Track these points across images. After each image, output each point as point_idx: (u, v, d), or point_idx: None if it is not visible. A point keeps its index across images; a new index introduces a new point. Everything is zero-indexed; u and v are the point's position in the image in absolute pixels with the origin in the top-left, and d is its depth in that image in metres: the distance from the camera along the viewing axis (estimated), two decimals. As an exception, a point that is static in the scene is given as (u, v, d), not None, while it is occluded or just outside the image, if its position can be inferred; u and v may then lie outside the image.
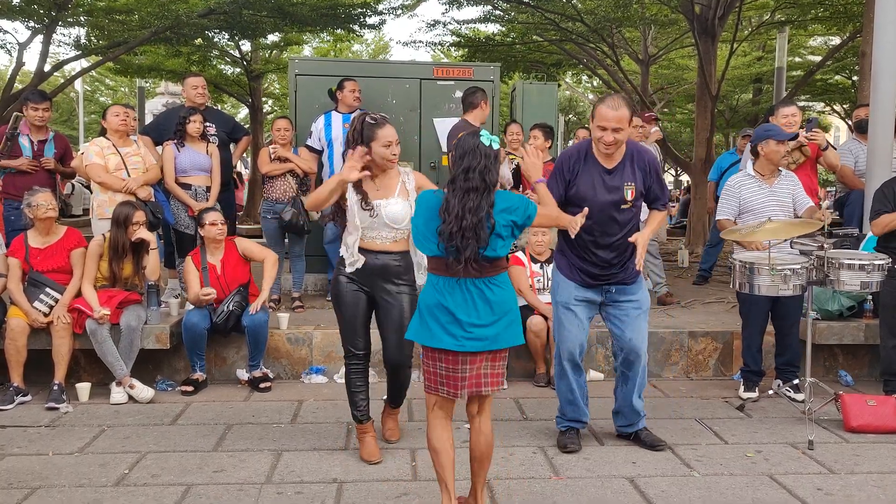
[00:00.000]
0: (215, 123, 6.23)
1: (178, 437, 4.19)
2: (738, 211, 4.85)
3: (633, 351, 3.94)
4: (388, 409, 4.13)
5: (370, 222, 3.66)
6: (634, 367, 3.98)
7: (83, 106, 25.08)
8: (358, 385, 3.89)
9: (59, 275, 4.98)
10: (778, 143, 4.73)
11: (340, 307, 3.80)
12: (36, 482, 3.56)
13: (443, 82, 6.90)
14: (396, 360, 3.82)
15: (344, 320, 3.82)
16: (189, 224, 5.84)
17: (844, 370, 5.43)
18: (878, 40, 5.52)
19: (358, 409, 3.90)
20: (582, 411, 4.05)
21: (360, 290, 3.77)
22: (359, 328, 3.82)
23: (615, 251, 3.85)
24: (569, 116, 28.93)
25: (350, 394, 3.91)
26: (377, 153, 3.62)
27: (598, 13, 12.40)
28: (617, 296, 3.93)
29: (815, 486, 3.59)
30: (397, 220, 3.67)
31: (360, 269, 3.72)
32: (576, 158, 3.85)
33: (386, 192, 3.70)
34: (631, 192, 3.81)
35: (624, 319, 3.93)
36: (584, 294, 3.92)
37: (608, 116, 3.63)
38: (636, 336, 3.93)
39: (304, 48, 19.88)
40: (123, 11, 11.43)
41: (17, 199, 5.52)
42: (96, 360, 4.92)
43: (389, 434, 4.10)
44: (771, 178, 4.82)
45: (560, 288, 3.96)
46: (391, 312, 3.75)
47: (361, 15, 12.16)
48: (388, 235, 3.70)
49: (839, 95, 18.98)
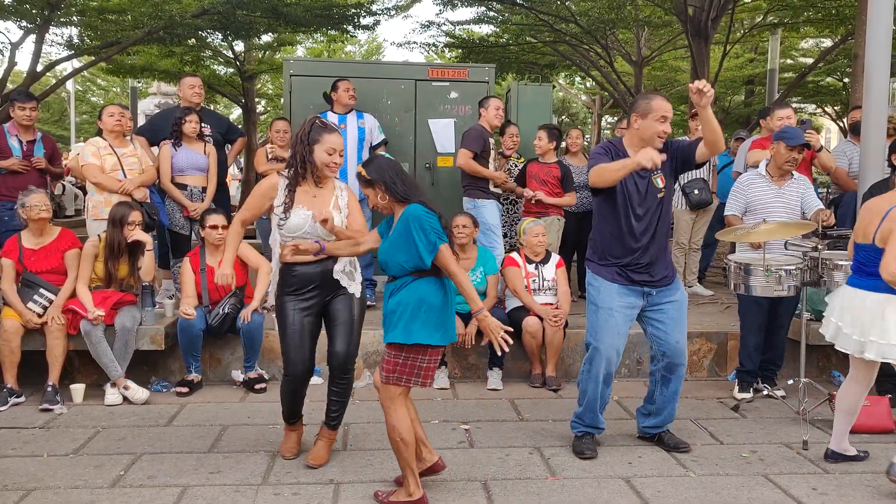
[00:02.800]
0: (210, 124, 6.21)
1: (173, 438, 4.18)
2: (744, 209, 4.87)
3: (680, 354, 3.93)
4: (324, 430, 3.88)
5: (303, 232, 3.62)
6: (678, 371, 3.97)
7: (74, 106, 24.98)
8: (294, 399, 3.82)
9: (52, 276, 4.96)
10: (788, 149, 4.73)
11: (283, 329, 3.71)
12: (31, 484, 3.55)
13: (438, 83, 6.90)
14: (343, 359, 3.72)
15: (286, 341, 3.71)
16: (184, 225, 5.82)
17: (838, 371, 5.45)
18: (871, 42, 5.55)
19: (292, 417, 3.90)
20: (600, 418, 4.04)
21: (307, 312, 3.70)
22: (301, 351, 3.71)
23: (653, 251, 3.83)
24: (562, 117, 28.98)
25: (284, 406, 3.84)
26: (318, 157, 3.61)
27: (591, 15, 12.45)
28: (658, 298, 3.90)
29: (810, 485, 3.61)
30: (331, 231, 3.63)
31: (300, 281, 3.67)
32: (612, 152, 3.84)
33: (321, 201, 3.68)
34: (661, 179, 3.83)
35: (667, 322, 3.91)
36: (627, 299, 3.87)
37: (667, 108, 3.72)
38: (682, 338, 3.93)
39: (297, 49, 19.86)
40: (116, 11, 11.37)
41: (10, 199, 5.49)
42: (91, 361, 4.90)
43: (314, 458, 3.79)
44: (781, 180, 4.84)
45: (602, 293, 3.88)
46: (339, 314, 3.74)
47: (355, 16, 12.15)
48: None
49: (831, 97, 19.11)
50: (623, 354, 5.38)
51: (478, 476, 3.66)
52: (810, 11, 12.88)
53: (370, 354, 5.31)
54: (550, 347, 5.21)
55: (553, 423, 4.45)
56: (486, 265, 5.38)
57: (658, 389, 4.06)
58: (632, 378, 5.46)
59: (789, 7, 12.91)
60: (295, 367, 3.70)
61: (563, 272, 5.51)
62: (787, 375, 5.00)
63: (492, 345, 3.16)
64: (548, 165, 6.27)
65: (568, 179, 6.26)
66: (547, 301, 5.33)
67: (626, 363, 5.42)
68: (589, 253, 4.03)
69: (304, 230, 3.63)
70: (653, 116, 3.72)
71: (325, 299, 3.75)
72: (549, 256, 5.51)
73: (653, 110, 3.72)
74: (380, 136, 6.24)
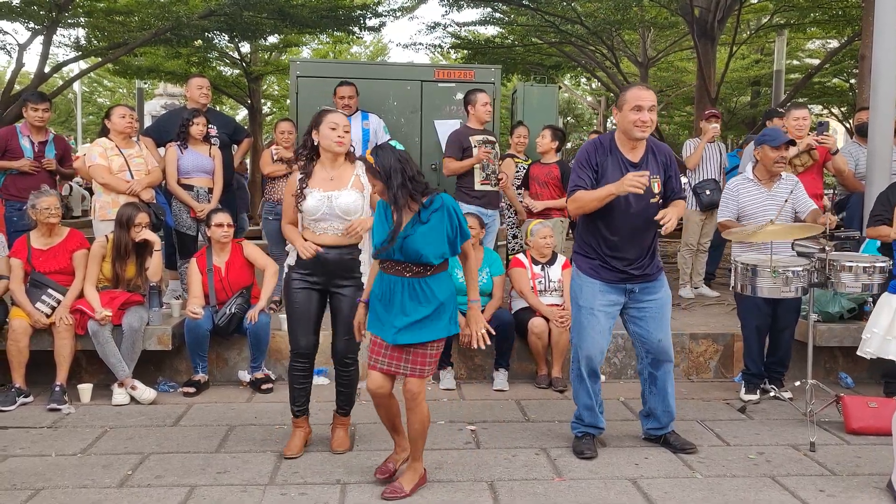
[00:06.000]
0: (216, 125, 6.23)
1: (180, 438, 4.20)
2: (736, 213, 4.86)
3: (663, 351, 3.94)
4: (338, 418, 4.07)
5: (321, 213, 3.68)
6: (663, 368, 3.98)
7: (81, 107, 25.05)
8: (301, 383, 3.91)
9: (61, 276, 4.99)
10: (772, 150, 4.73)
11: (290, 306, 3.82)
12: (39, 483, 3.57)
13: (444, 84, 6.91)
14: (343, 353, 3.90)
15: (292, 319, 3.83)
16: (191, 225, 5.84)
17: (845, 372, 5.44)
18: (878, 43, 5.54)
19: (296, 404, 3.95)
20: (599, 418, 4.04)
21: (312, 289, 3.79)
22: (306, 327, 3.82)
23: (641, 247, 3.83)
24: (567, 119, 28.95)
25: (292, 390, 3.93)
26: (323, 135, 3.68)
27: (597, 16, 12.44)
28: (640, 295, 3.89)
29: (817, 487, 3.60)
30: (349, 212, 3.72)
31: (314, 263, 3.73)
32: (601, 151, 3.82)
33: (339, 183, 3.73)
34: (658, 184, 3.81)
35: (648, 320, 3.90)
36: (608, 297, 3.86)
37: (644, 96, 3.69)
38: (665, 336, 3.93)
39: (303, 50, 19.89)
40: (123, 12, 11.43)
41: (20, 199, 5.52)
42: (98, 361, 4.92)
43: (338, 444, 3.99)
44: (769, 183, 4.84)
45: (583, 291, 3.89)
46: (343, 307, 3.81)
47: (361, 17, 12.17)
48: (340, 227, 3.73)
49: (837, 98, 19.03)
50: (628, 356, 5.42)
51: (484, 477, 3.67)
52: (817, 12, 12.85)
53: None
54: (556, 348, 5.21)
55: (559, 424, 4.45)
56: (492, 266, 5.39)
57: (647, 388, 4.07)
58: (636, 380, 5.44)
59: (796, 8, 12.87)
60: (296, 342, 3.83)
61: (569, 273, 5.47)
62: (794, 377, 4.99)
63: (498, 345, 3.23)
64: (548, 166, 6.28)
65: (568, 179, 6.25)
66: (553, 302, 5.33)
67: (631, 364, 5.41)
68: (575, 246, 4.03)
69: (321, 211, 3.69)
70: (627, 107, 3.71)
71: (330, 286, 3.81)
72: (556, 258, 5.51)
73: (626, 101, 3.71)
74: (385, 137, 6.25)
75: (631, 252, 3.82)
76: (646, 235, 3.85)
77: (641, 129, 3.70)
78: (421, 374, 3.36)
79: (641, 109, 3.67)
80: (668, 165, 3.87)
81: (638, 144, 3.81)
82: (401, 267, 3.34)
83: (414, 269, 3.33)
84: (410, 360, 3.35)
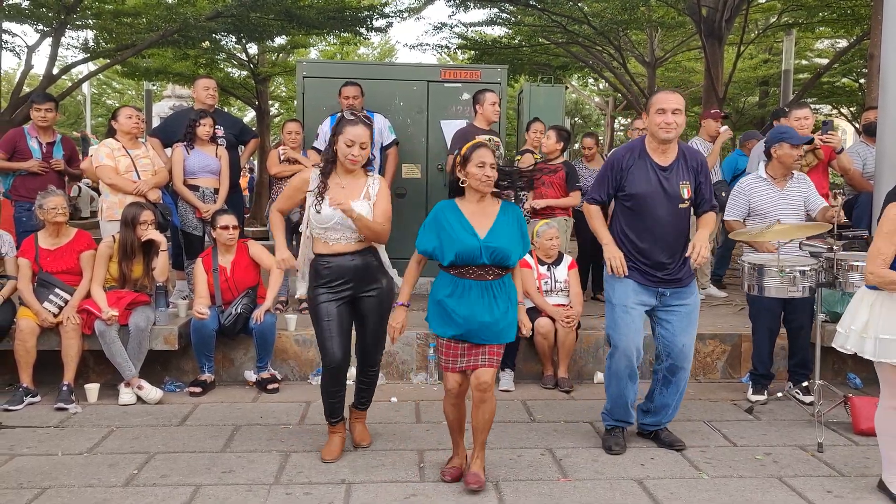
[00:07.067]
0: (223, 126, 6.25)
1: (186, 437, 4.21)
2: (746, 213, 4.84)
3: (684, 357, 3.95)
4: (355, 412, 4.13)
5: (334, 222, 3.67)
6: (679, 374, 3.99)
7: (90, 109, 25.16)
8: (337, 396, 3.89)
9: (68, 276, 5.01)
10: (792, 147, 4.71)
11: (320, 321, 3.75)
12: (45, 482, 3.58)
13: (450, 84, 6.89)
14: (370, 355, 3.98)
15: (326, 334, 3.75)
16: (197, 225, 5.86)
17: (853, 373, 5.40)
18: (886, 42, 5.50)
19: (333, 417, 3.93)
20: (630, 413, 4.07)
21: (341, 301, 3.76)
22: (342, 341, 3.76)
23: (670, 252, 3.86)
24: (575, 119, 28.90)
25: (328, 405, 3.89)
26: (339, 148, 3.68)
27: (604, 16, 12.41)
28: (670, 300, 3.92)
29: (824, 488, 3.58)
30: None
31: (334, 273, 3.72)
32: (629, 156, 3.89)
33: (350, 193, 3.72)
34: (687, 190, 3.85)
35: (676, 324, 3.93)
36: (640, 297, 3.89)
37: (669, 98, 3.76)
38: (689, 341, 3.95)
39: (310, 51, 19.92)
40: (131, 14, 11.47)
41: (29, 200, 5.55)
42: (105, 360, 4.93)
43: (360, 438, 4.08)
44: (782, 182, 4.81)
45: (616, 290, 3.93)
46: (370, 314, 3.83)
47: (368, 18, 12.18)
48: (353, 236, 3.72)
49: (846, 98, 18.95)
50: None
51: (489, 477, 3.65)
52: (825, 12, 12.78)
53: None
54: (562, 348, 5.19)
55: (565, 425, 4.44)
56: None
57: (658, 389, 4.08)
58: (644, 380, 5.41)
59: (804, 7, 12.82)
60: (332, 356, 3.74)
61: (575, 273, 5.49)
62: (802, 377, 4.95)
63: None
64: (552, 166, 6.25)
65: (572, 179, 6.24)
66: (559, 302, 5.32)
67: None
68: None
69: (334, 220, 3.68)
70: (652, 110, 3.80)
71: (357, 293, 3.79)
72: (562, 258, 5.50)
73: (652, 104, 3.81)
74: (390, 137, 6.25)
75: (661, 256, 3.85)
76: (675, 241, 3.87)
77: (666, 131, 3.76)
78: (494, 364, 3.49)
79: (665, 112, 3.74)
80: (699, 171, 3.91)
81: (668, 149, 3.86)
82: (483, 271, 3.44)
83: (495, 272, 3.46)
84: (487, 353, 3.48)
